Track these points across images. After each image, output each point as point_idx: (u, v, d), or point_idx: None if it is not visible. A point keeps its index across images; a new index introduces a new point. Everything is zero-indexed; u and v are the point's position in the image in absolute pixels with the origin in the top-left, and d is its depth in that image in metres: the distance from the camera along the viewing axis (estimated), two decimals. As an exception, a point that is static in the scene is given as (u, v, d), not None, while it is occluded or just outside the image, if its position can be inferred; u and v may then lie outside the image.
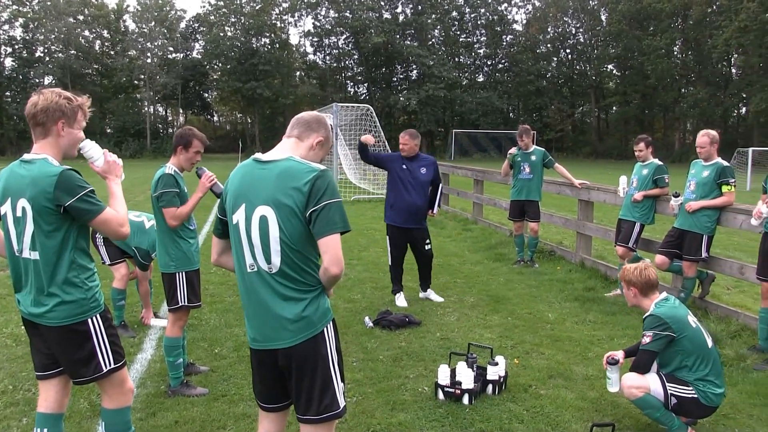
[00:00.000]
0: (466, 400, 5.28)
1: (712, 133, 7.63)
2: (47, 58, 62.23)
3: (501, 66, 74.94)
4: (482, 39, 74.06)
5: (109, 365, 3.56)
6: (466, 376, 5.33)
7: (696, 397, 4.49)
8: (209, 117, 78.87)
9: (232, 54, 64.62)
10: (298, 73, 73.42)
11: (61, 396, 3.74)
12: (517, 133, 10.55)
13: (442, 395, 5.36)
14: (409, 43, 67.04)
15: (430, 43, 70.31)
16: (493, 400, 5.36)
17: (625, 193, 8.85)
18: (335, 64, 72.68)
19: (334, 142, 21.78)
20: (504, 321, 7.64)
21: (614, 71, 72.27)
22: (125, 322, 7.21)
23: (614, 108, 71.14)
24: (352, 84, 74.44)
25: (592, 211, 10.62)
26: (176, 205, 5.13)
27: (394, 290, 8.55)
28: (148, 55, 65.09)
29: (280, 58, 66.48)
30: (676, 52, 64.46)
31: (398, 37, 66.60)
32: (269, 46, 67.26)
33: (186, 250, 5.30)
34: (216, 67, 69.02)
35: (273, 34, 67.71)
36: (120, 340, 3.70)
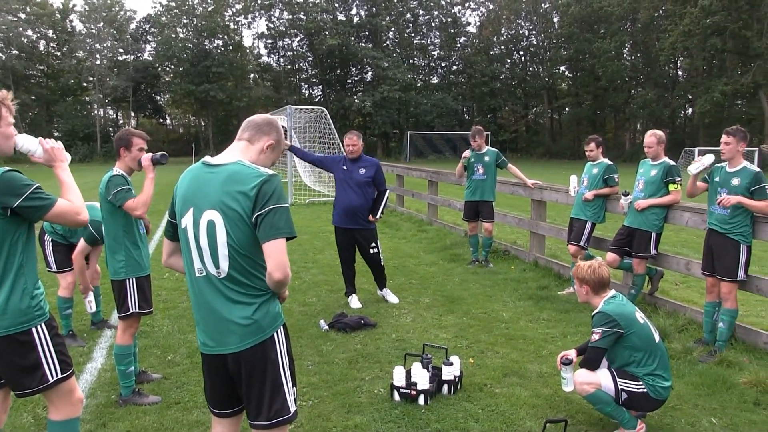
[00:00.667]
0: (421, 400, 5.29)
1: (659, 133, 7.77)
2: (-15, 58, 60.38)
3: (455, 68, 75.48)
4: (436, 41, 74.56)
5: (56, 375, 3.42)
6: (422, 377, 5.34)
7: (645, 391, 4.57)
8: (162, 120, 77.81)
9: (185, 56, 63.94)
10: (252, 76, 73.04)
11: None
12: (470, 134, 10.60)
13: (397, 396, 5.36)
14: (364, 45, 67.17)
15: (385, 45, 70.50)
16: (448, 400, 5.38)
17: (576, 193, 8.96)
18: (289, 66, 72.42)
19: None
20: (459, 321, 7.68)
21: (566, 73, 73.35)
22: (73, 331, 7.04)
23: (567, 109, 72.11)
24: (306, 86, 74.28)
25: (545, 211, 10.74)
26: (134, 197, 5.06)
27: (347, 292, 8.55)
28: (97, 56, 64.01)
29: (233, 60, 66.01)
30: (625, 55, 65.72)
31: (353, 39, 66.62)
32: (222, 48, 66.75)
33: (136, 256, 5.21)
34: (168, 69, 68.19)
35: (226, 36, 67.19)
36: (67, 350, 3.57)
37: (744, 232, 6.35)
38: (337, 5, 69.35)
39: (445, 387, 5.52)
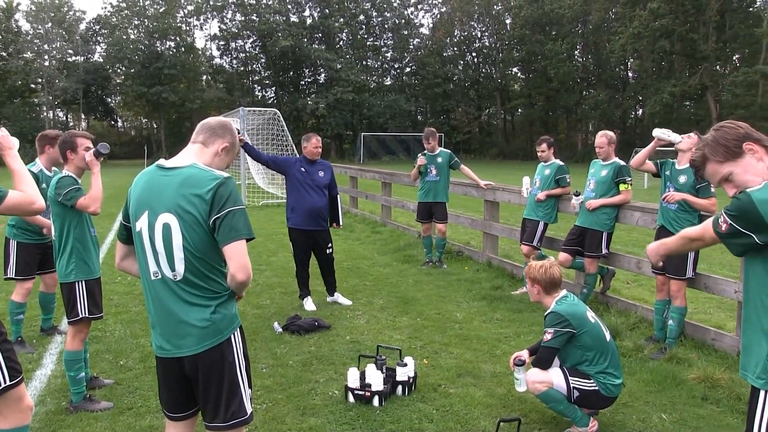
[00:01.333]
0: (376, 401, 5.28)
1: (610, 133, 7.87)
2: None
3: (408, 69, 75.67)
4: (389, 42, 74.67)
5: (4, 382, 3.31)
6: (376, 378, 5.34)
7: (597, 389, 4.62)
8: (113, 122, 76.60)
9: (136, 57, 62.94)
10: (205, 77, 72.34)
11: None
12: (424, 136, 10.61)
13: (352, 398, 5.35)
14: (317, 46, 66.97)
15: (338, 46, 70.43)
16: (403, 401, 5.38)
17: (529, 193, 9.04)
18: (242, 68, 71.93)
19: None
20: (413, 322, 7.69)
21: (519, 74, 74.04)
22: (22, 338, 6.87)
23: (519, 110, 72.75)
24: (259, 88, 73.88)
25: (497, 211, 10.82)
26: (84, 196, 4.98)
27: (301, 295, 8.50)
28: (46, 57, 62.76)
29: (185, 62, 65.29)
30: (576, 56, 66.65)
31: (306, 40, 66.36)
32: (174, 50, 65.96)
33: (86, 259, 5.12)
34: (119, 71, 67.11)
35: (178, 38, 66.38)
36: (16, 356, 3.45)
37: (691, 231, 6.44)
38: (289, 7, 69.07)
39: (400, 388, 5.52)
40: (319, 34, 69.59)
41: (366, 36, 73.60)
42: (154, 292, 3.13)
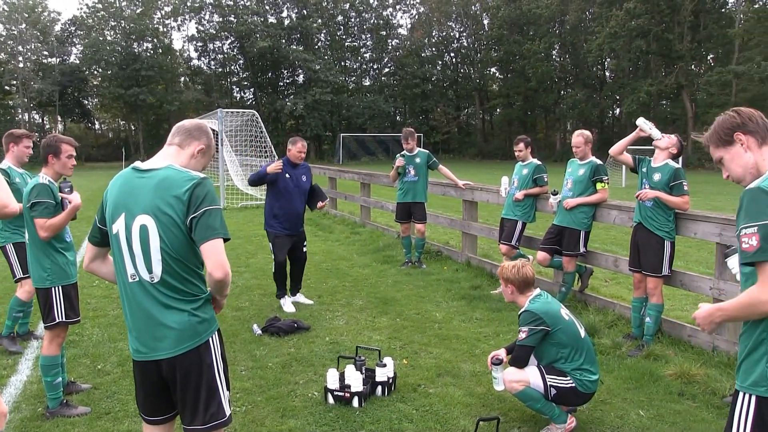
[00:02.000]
0: (356, 402, 5.28)
1: (586, 133, 7.93)
2: None
3: (387, 70, 75.68)
4: (368, 43, 74.64)
5: None
6: (355, 379, 5.35)
7: (574, 386, 4.65)
8: (90, 125, 75.79)
9: (113, 59, 62.30)
10: (183, 79, 71.81)
11: None
12: (402, 136, 10.62)
13: (331, 399, 5.36)
14: (295, 47, 66.70)
15: (316, 47, 70.25)
16: (382, 401, 5.39)
17: (507, 193, 9.08)
18: (220, 70, 71.54)
19: (220, 148, 21.45)
20: (393, 322, 7.69)
21: (497, 74, 74.31)
22: (14, 334, 6.85)
23: (498, 110, 73.00)
24: (238, 89, 73.52)
25: (476, 211, 10.85)
26: (48, 217, 4.90)
27: (279, 295, 8.48)
28: (20, 59, 62.08)
29: (163, 64, 64.75)
30: (554, 56, 66.99)
31: (284, 41, 66.14)
32: (152, 51, 65.40)
33: (62, 263, 5.08)
34: (96, 72, 66.36)
35: (155, 39, 65.80)
36: None
37: (667, 229, 6.53)
38: (267, 8, 68.80)
39: (379, 388, 5.53)
40: (297, 35, 69.37)
41: (344, 37, 73.56)
42: (131, 294, 3.12)
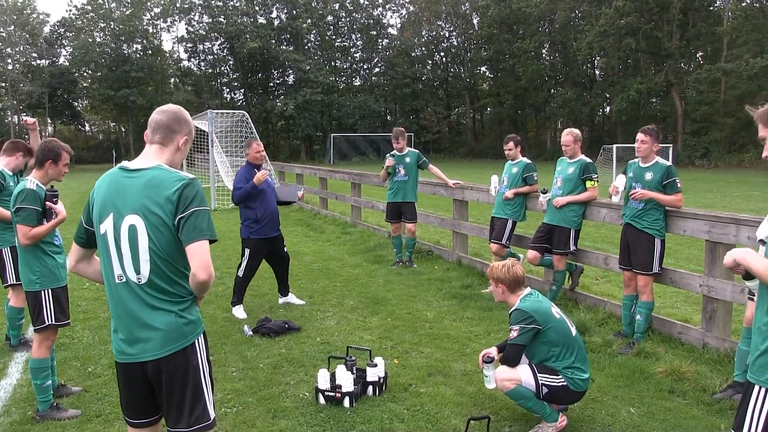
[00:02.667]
0: (347, 402, 5.28)
1: (576, 131, 7.94)
2: None
3: (377, 69, 75.72)
4: (358, 43, 74.68)
5: None
6: (346, 379, 5.34)
7: (565, 384, 4.66)
8: (80, 127, 75.60)
9: (103, 61, 62.05)
10: (173, 80, 71.71)
11: None
12: (393, 136, 10.61)
13: (322, 400, 5.35)
14: (285, 48, 66.66)
15: (306, 47, 70.21)
16: (373, 401, 5.39)
17: (497, 192, 9.08)
18: (210, 70, 71.40)
19: (210, 149, 21.40)
20: (384, 322, 7.69)
21: (487, 73, 74.40)
22: (26, 339, 6.87)
23: (488, 109, 73.00)
24: (228, 90, 73.42)
25: (466, 210, 10.85)
26: (32, 224, 4.87)
27: (235, 301, 8.20)
28: (9, 61, 61.78)
29: (153, 65, 64.55)
30: (544, 55, 67.05)
31: (274, 42, 66.04)
32: (141, 53, 65.22)
33: (51, 266, 5.07)
34: (86, 74, 66.16)
35: (145, 40, 65.64)
36: None
37: (657, 226, 6.54)
38: (257, 8, 68.67)
39: (370, 388, 5.53)
40: (287, 36, 69.29)
41: (334, 37, 73.55)
42: (118, 295, 3.10)
